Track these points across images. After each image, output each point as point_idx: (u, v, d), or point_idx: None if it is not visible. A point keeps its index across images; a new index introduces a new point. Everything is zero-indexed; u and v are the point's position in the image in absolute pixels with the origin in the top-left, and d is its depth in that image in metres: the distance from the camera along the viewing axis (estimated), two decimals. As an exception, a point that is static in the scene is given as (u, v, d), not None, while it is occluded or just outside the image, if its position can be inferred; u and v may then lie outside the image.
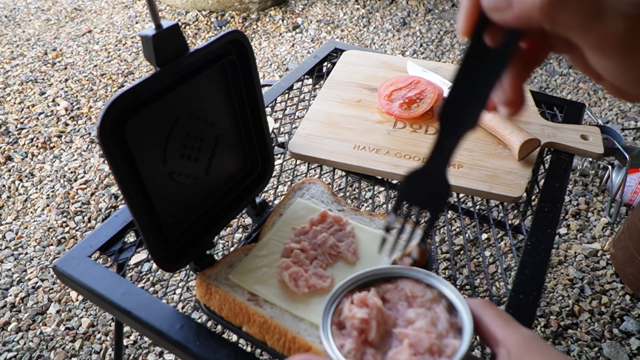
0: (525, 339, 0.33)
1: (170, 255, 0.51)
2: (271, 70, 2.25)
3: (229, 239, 1.41)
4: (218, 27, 2.57)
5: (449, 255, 0.67)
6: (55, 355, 1.18)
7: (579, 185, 1.62)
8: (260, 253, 0.54)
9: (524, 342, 0.32)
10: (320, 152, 0.77)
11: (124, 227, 0.65)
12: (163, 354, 1.18)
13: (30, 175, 1.70)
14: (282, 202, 0.61)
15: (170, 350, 0.52)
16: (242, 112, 0.56)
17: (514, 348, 0.32)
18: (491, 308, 0.36)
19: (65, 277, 0.58)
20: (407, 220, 0.38)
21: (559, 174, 0.74)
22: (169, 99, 0.46)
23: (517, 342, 0.32)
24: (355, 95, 0.90)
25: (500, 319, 0.35)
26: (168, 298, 1.25)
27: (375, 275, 0.41)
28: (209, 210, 0.56)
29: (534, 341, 0.32)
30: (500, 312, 0.36)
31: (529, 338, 0.33)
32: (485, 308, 0.36)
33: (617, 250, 1.32)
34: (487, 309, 0.36)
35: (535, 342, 0.32)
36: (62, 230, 1.49)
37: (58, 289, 1.33)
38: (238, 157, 0.58)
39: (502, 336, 0.33)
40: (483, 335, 0.35)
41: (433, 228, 0.39)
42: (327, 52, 1.05)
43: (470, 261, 1.36)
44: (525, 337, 0.33)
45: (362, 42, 2.44)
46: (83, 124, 1.92)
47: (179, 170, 0.50)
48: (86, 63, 2.28)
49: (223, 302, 0.49)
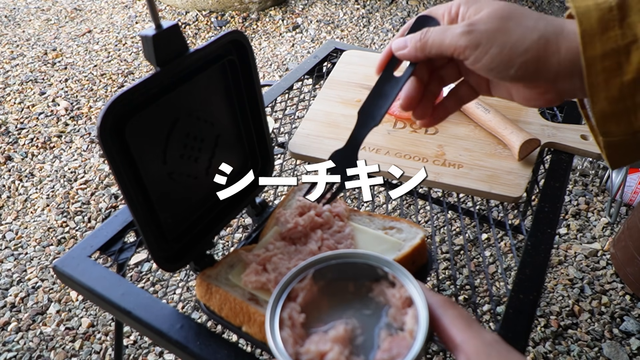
0: (485, 344, 0.31)
1: (170, 255, 0.51)
2: (271, 70, 2.25)
3: (229, 239, 1.41)
4: (218, 27, 2.57)
5: (449, 255, 0.67)
6: (55, 355, 1.18)
7: (579, 185, 1.62)
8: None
9: (483, 347, 0.31)
10: (320, 152, 0.77)
11: (124, 227, 0.65)
12: (163, 354, 1.18)
13: (30, 175, 1.70)
14: (282, 202, 0.61)
15: (170, 350, 0.52)
16: (242, 112, 0.56)
17: (472, 354, 0.31)
18: (452, 308, 0.34)
19: (65, 277, 0.58)
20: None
21: (559, 174, 0.74)
22: (169, 99, 0.46)
23: (477, 348, 0.31)
24: (355, 95, 0.90)
25: (460, 321, 0.33)
26: (168, 298, 1.25)
27: (326, 261, 0.39)
28: (209, 210, 0.56)
29: (495, 346, 0.31)
30: (461, 313, 0.34)
31: (490, 343, 0.31)
32: (447, 308, 0.34)
33: (617, 250, 1.32)
34: (448, 308, 0.34)
35: (496, 347, 0.31)
36: (62, 230, 1.49)
37: (58, 289, 1.33)
38: (238, 157, 0.58)
39: (460, 340, 0.31)
40: (441, 336, 0.34)
41: (342, 191, 0.47)
42: (327, 52, 1.05)
43: (470, 261, 1.36)
44: (485, 342, 0.31)
45: (362, 42, 2.44)
46: (83, 124, 1.92)
47: (179, 170, 0.50)
48: (86, 63, 2.28)
49: (223, 302, 0.49)
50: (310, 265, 0.39)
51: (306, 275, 0.38)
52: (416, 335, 0.33)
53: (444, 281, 1.29)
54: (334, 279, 0.39)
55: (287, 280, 0.37)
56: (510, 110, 0.84)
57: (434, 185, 0.72)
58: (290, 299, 0.37)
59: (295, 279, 0.38)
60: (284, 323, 0.35)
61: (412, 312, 0.35)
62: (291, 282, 0.38)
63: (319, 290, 0.38)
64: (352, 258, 0.39)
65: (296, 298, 0.37)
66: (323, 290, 0.38)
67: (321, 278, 0.39)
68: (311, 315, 0.37)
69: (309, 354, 0.33)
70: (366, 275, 0.39)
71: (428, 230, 1.13)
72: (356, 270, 0.39)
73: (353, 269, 0.39)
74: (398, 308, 0.36)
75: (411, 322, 0.34)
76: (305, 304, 0.37)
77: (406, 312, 0.35)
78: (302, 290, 0.37)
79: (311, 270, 0.38)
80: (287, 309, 0.36)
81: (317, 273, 0.39)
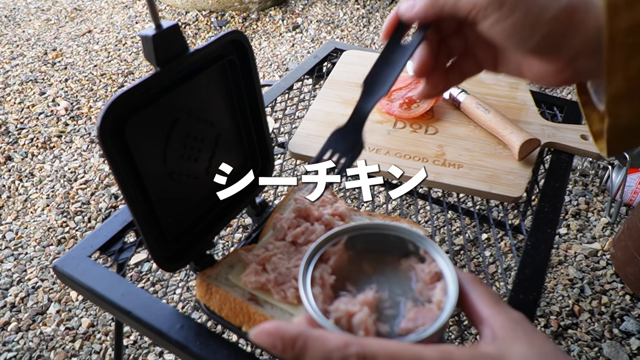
0: (512, 321, 0.31)
1: (170, 255, 0.51)
2: (271, 70, 2.25)
3: (229, 239, 1.41)
4: (218, 27, 2.57)
5: (449, 255, 0.67)
6: (55, 355, 1.18)
7: (579, 185, 1.62)
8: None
9: (510, 324, 0.31)
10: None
11: (124, 227, 0.65)
12: (163, 354, 1.18)
13: (30, 175, 1.70)
14: (282, 202, 0.61)
15: (170, 350, 0.52)
16: (242, 112, 0.56)
17: (499, 329, 0.30)
18: (481, 285, 0.34)
19: (65, 277, 0.58)
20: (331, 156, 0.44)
21: (559, 174, 0.74)
22: (169, 99, 0.46)
23: (503, 323, 0.31)
24: (355, 95, 0.89)
25: (488, 297, 0.33)
26: (168, 298, 1.25)
27: (360, 230, 0.39)
28: (209, 210, 0.56)
29: (521, 324, 0.31)
30: (489, 291, 0.33)
31: (516, 320, 0.31)
32: (475, 284, 0.34)
33: (617, 250, 1.32)
34: (477, 285, 0.34)
35: (522, 325, 0.31)
36: (62, 230, 1.49)
37: (58, 289, 1.33)
38: (238, 157, 0.58)
39: (487, 315, 0.31)
40: (468, 311, 0.33)
41: (346, 170, 0.43)
42: (327, 52, 1.05)
43: (470, 261, 1.36)
44: (512, 319, 0.31)
45: (362, 42, 2.44)
46: (83, 124, 1.92)
47: (179, 170, 0.50)
48: (86, 63, 2.28)
49: (223, 302, 0.49)
50: (344, 232, 0.39)
51: (339, 241, 0.38)
52: (444, 306, 0.33)
53: (444, 281, 1.29)
54: (365, 248, 0.39)
55: (320, 243, 0.38)
56: (510, 110, 0.84)
57: (434, 185, 0.72)
58: (322, 261, 0.37)
59: (328, 243, 0.38)
60: (315, 281, 0.36)
61: (441, 285, 0.35)
62: (324, 245, 0.38)
63: (350, 257, 0.39)
64: (386, 230, 0.39)
65: (328, 260, 0.37)
66: (354, 257, 0.39)
67: (353, 245, 0.39)
68: (340, 280, 0.37)
69: (338, 312, 0.33)
70: (397, 248, 0.39)
71: (428, 230, 1.13)
72: (388, 242, 0.39)
73: (385, 241, 0.39)
74: (426, 282, 0.36)
75: (439, 294, 0.34)
76: (336, 267, 0.37)
77: (435, 286, 0.35)
78: (334, 254, 0.38)
79: (344, 237, 0.39)
80: (319, 269, 0.37)
81: (350, 240, 0.39)
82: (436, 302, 0.34)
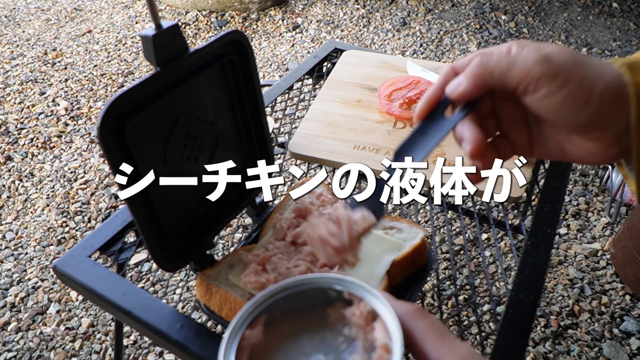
0: (461, 359, 0.29)
1: (170, 255, 0.51)
2: (271, 70, 2.25)
3: (229, 239, 1.41)
4: (218, 27, 2.57)
5: (449, 255, 0.67)
6: (55, 355, 1.18)
7: (579, 185, 1.62)
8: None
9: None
10: (320, 152, 0.77)
11: (124, 227, 0.65)
12: (163, 354, 1.18)
13: (30, 175, 1.70)
14: (282, 202, 0.61)
15: (170, 350, 0.52)
16: (242, 112, 0.56)
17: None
18: (423, 318, 0.31)
19: (65, 277, 0.58)
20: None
21: (559, 174, 0.74)
22: (169, 99, 0.46)
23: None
24: (355, 95, 0.90)
25: (433, 334, 0.30)
26: (168, 298, 1.25)
27: (272, 297, 0.34)
28: (209, 210, 0.56)
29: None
30: (433, 323, 0.31)
31: (466, 357, 0.29)
32: (417, 318, 0.31)
33: (617, 250, 1.32)
34: (419, 319, 0.31)
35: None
36: (62, 230, 1.49)
37: (58, 289, 1.33)
38: (238, 157, 0.58)
39: (436, 357, 0.29)
40: (414, 352, 0.30)
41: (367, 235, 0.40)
42: (327, 52, 1.05)
43: (470, 261, 1.36)
44: (461, 356, 0.29)
45: (362, 42, 2.44)
46: (83, 124, 1.92)
47: (179, 170, 0.50)
48: (86, 63, 2.28)
49: (223, 302, 0.49)
50: (256, 306, 0.34)
51: (255, 318, 0.33)
52: (392, 349, 0.30)
53: (444, 281, 1.29)
54: (286, 312, 0.34)
55: (234, 328, 0.33)
56: (510, 110, 0.84)
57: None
58: (242, 348, 0.32)
59: (243, 326, 0.33)
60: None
61: (380, 325, 0.31)
62: (239, 329, 0.33)
63: (272, 331, 0.34)
64: (299, 286, 0.34)
65: (248, 347, 0.32)
66: (277, 329, 0.34)
67: (272, 317, 0.34)
68: (272, 358, 0.32)
69: None
70: (320, 301, 0.34)
71: (428, 230, 1.13)
72: (307, 297, 0.35)
73: (304, 297, 0.34)
74: (362, 327, 0.32)
75: (382, 336, 0.31)
76: (260, 349, 0.33)
77: (373, 327, 0.32)
78: (253, 337, 0.33)
79: (258, 311, 0.34)
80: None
81: (266, 313, 0.34)
82: (381, 346, 0.30)
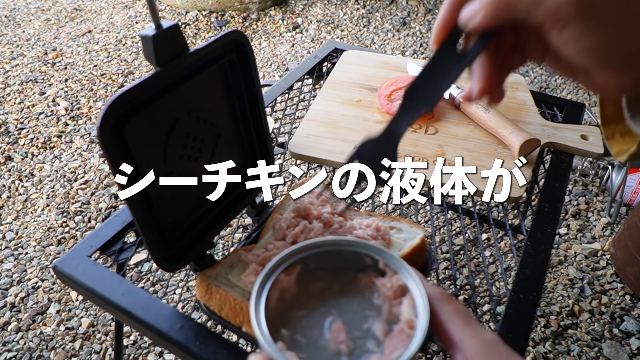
0: (485, 345, 0.29)
1: (170, 255, 0.51)
2: (271, 70, 2.25)
3: (229, 239, 1.41)
4: (218, 27, 2.57)
5: (449, 255, 0.67)
6: (55, 355, 1.18)
7: (579, 185, 1.62)
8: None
9: (483, 348, 0.29)
10: (320, 152, 0.77)
11: (124, 227, 0.65)
12: (163, 354, 1.18)
13: (30, 175, 1.70)
14: (282, 202, 0.61)
15: (170, 350, 0.52)
16: (242, 112, 0.56)
17: (471, 354, 0.28)
18: (451, 302, 0.31)
19: (65, 277, 0.58)
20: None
21: (559, 174, 0.74)
22: (169, 99, 0.46)
23: (476, 348, 0.29)
24: (355, 95, 0.90)
25: (459, 318, 0.30)
26: (168, 298, 1.25)
27: (311, 249, 0.35)
28: (209, 210, 0.56)
29: (494, 348, 0.29)
30: (460, 308, 0.31)
31: (490, 344, 0.29)
32: (444, 302, 0.31)
33: (617, 250, 1.32)
34: (446, 302, 0.31)
35: (496, 349, 0.29)
36: (62, 230, 1.49)
37: (58, 289, 1.33)
38: (238, 157, 0.58)
39: (459, 338, 0.29)
40: (438, 333, 0.31)
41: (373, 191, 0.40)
42: (327, 52, 1.05)
43: (470, 261, 1.36)
44: (485, 342, 0.29)
45: (362, 42, 2.44)
46: (83, 124, 1.92)
47: (179, 170, 0.50)
48: (86, 63, 2.28)
49: (223, 302, 0.49)
50: (295, 253, 0.35)
51: (291, 264, 0.35)
52: (416, 325, 0.30)
53: (444, 281, 1.29)
54: (319, 267, 0.36)
55: (271, 268, 0.34)
56: (510, 110, 0.84)
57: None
58: (275, 289, 0.34)
59: (280, 267, 0.34)
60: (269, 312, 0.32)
61: (408, 301, 0.32)
62: (275, 269, 0.34)
63: (304, 280, 0.35)
64: (339, 245, 0.35)
65: (281, 288, 0.34)
66: (308, 280, 0.35)
67: (306, 267, 0.35)
68: (297, 307, 0.34)
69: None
70: (354, 263, 0.35)
71: (428, 230, 1.13)
72: (342, 258, 0.36)
73: (339, 257, 0.36)
74: (389, 299, 0.33)
75: (407, 311, 0.31)
76: (290, 294, 0.34)
77: (400, 301, 0.32)
78: (286, 281, 0.34)
79: (294, 259, 0.35)
80: (272, 297, 0.33)
81: (302, 262, 0.35)
82: (405, 320, 0.31)
